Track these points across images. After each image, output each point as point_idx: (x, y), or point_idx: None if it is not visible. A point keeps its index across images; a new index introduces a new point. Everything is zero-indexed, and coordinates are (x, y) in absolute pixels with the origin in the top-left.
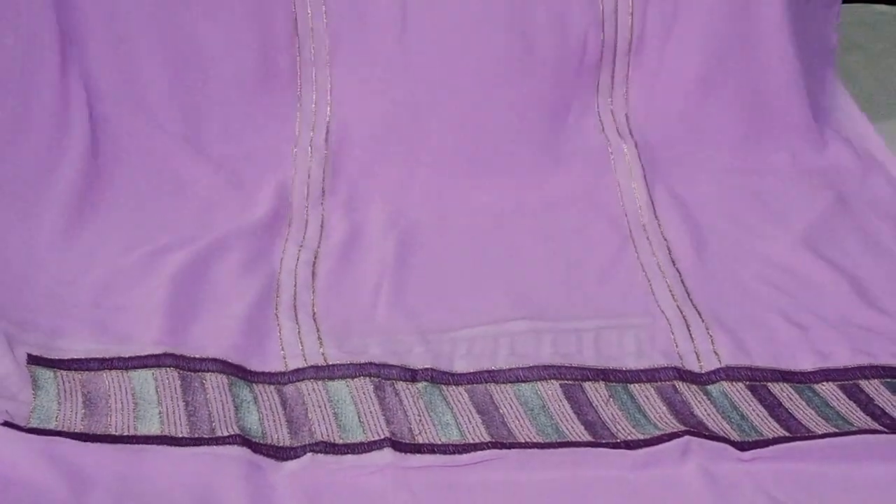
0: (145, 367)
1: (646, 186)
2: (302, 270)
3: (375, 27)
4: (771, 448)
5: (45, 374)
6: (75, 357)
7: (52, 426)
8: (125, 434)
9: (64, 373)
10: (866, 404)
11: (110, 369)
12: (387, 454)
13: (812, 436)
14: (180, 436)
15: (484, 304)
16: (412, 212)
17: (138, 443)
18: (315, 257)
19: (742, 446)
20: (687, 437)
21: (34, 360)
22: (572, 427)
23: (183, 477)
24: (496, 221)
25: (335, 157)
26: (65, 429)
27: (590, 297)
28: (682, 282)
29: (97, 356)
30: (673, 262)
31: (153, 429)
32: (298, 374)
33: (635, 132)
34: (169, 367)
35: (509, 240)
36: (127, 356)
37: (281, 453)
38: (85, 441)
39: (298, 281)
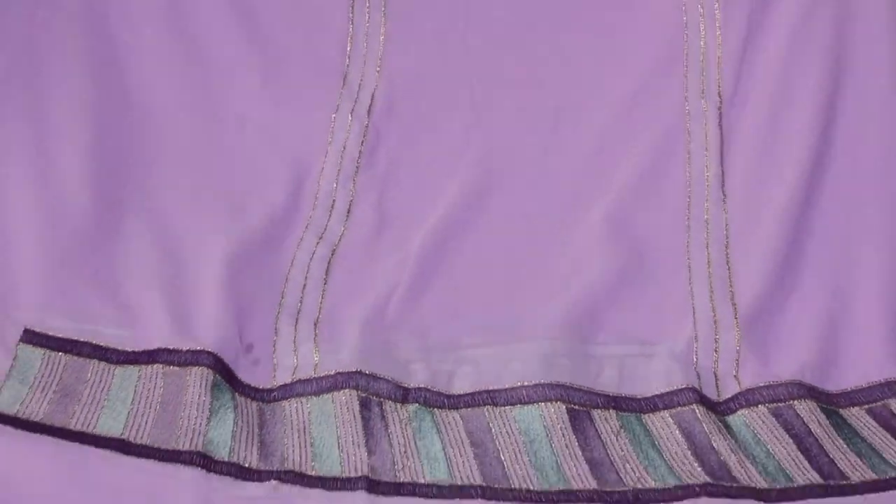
0: (135, 363)
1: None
2: (315, 267)
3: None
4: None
5: (34, 354)
6: (71, 338)
7: (13, 411)
8: (82, 431)
9: (52, 354)
10: None
11: (98, 359)
12: (359, 498)
13: (847, 487)
14: (138, 442)
15: (502, 321)
16: (447, 208)
17: (92, 443)
18: (333, 253)
19: (768, 496)
20: (704, 500)
21: (28, 338)
22: (575, 467)
23: (126, 486)
24: (533, 225)
25: (376, 129)
26: (25, 415)
27: (620, 319)
28: (730, 278)
29: (93, 341)
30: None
31: (114, 429)
32: (284, 392)
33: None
34: (158, 363)
35: (543, 240)
36: (120, 349)
37: (244, 474)
38: (38, 432)
39: (308, 281)
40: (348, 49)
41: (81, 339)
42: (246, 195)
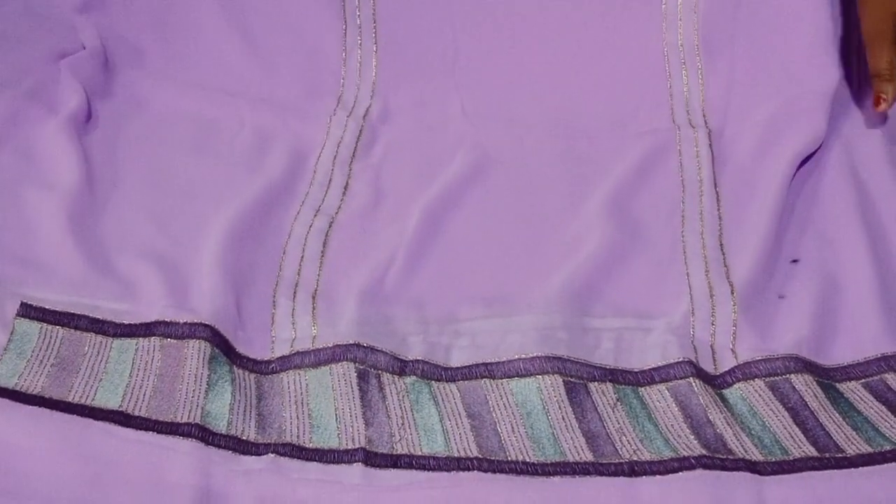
0: (133, 336)
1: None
2: (312, 240)
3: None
4: (797, 476)
5: (31, 328)
6: (69, 311)
7: (11, 384)
8: (80, 403)
9: (49, 327)
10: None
11: (96, 333)
12: (356, 471)
13: (842, 460)
14: (136, 414)
15: (499, 295)
16: (444, 185)
17: (89, 416)
18: (330, 225)
19: (763, 468)
20: (699, 471)
21: (25, 311)
22: (572, 439)
23: (125, 459)
24: (531, 203)
25: (371, 129)
26: (23, 389)
27: (619, 291)
28: (725, 262)
29: (92, 315)
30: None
31: (112, 401)
32: (282, 363)
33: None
34: (156, 336)
35: (541, 218)
36: (118, 322)
37: (242, 447)
38: (36, 405)
39: (306, 253)
40: (342, 73)
41: (79, 313)
42: (243, 173)
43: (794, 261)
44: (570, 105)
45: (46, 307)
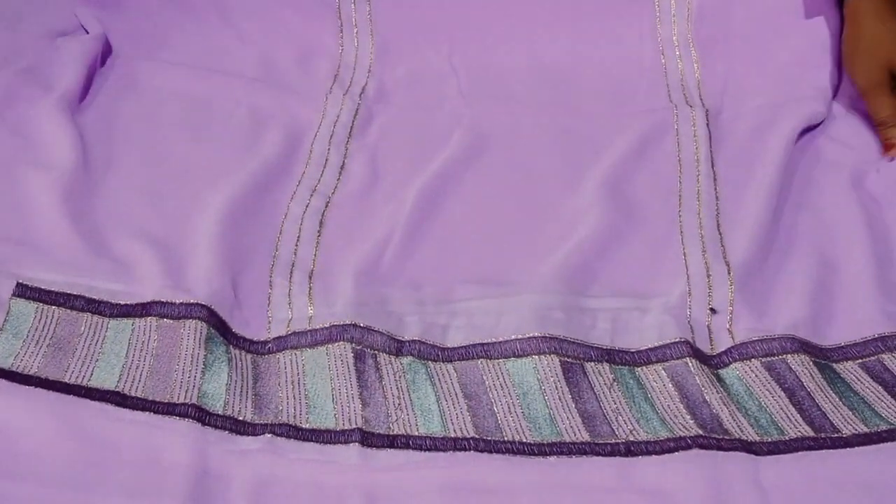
0: (129, 316)
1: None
2: (309, 220)
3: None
4: (793, 456)
5: (26, 309)
6: (65, 292)
7: (7, 364)
8: (77, 384)
9: (46, 307)
10: (892, 385)
11: (92, 313)
12: (353, 451)
13: (838, 440)
14: (133, 395)
15: (495, 275)
16: (440, 165)
17: (86, 396)
18: (326, 205)
19: (759, 448)
20: (696, 451)
21: (21, 291)
22: (569, 419)
23: (122, 439)
24: (528, 184)
25: (368, 108)
26: (19, 369)
27: (615, 273)
28: (721, 242)
29: (88, 295)
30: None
31: (109, 382)
32: (279, 344)
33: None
34: (152, 316)
35: (537, 198)
36: (114, 303)
37: (238, 427)
38: (33, 385)
39: (302, 233)
40: (339, 52)
41: (75, 293)
42: (239, 153)
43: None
44: (567, 85)
45: (42, 287)
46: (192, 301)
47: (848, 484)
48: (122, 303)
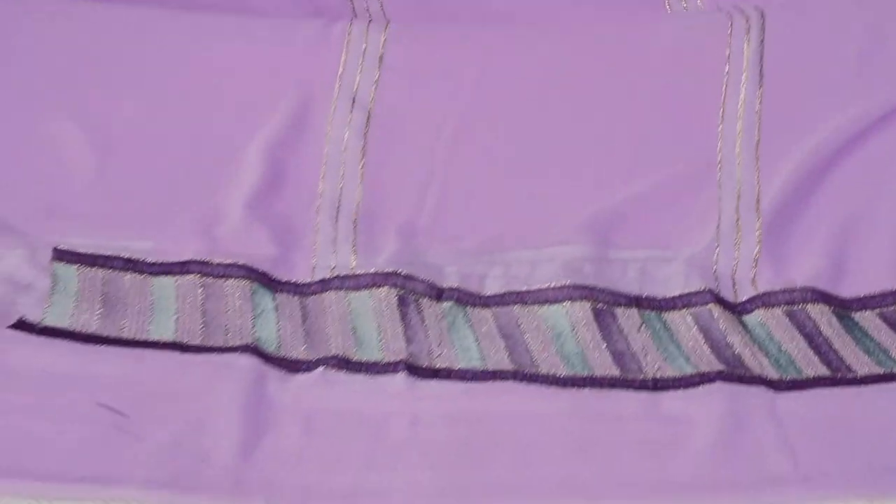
0: (170, 273)
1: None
2: (352, 142)
3: None
4: (809, 392)
5: (68, 271)
6: (102, 254)
7: (65, 325)
8: (136, 339)
9: (87, 269)
10: None
11: (133, 272)
12: (400, 380)
13: (853, 379)
14: (192, 343)
15: (530, 225)
16: (469, 116)
17: (148, 348)
18: (367, 120)
19: (778, 385)
20: (718, 384)
21: (59, 256)
22: (600, 357)
23: (184, 384)
24: (560, 116)
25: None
26: (78, 328)
27: (643, 225)
28: (758, 193)
29: (125, 255)
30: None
31: (167, 334)
32: (323, 286)
33: None
34: (193, 274)
35: (573, 158)
36: (151, 261)
37: (293, 366)
38: (95, 343)
39: (346, 168)
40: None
41: (111, 254)
42: (263, 98)
43: None
44: None
45: (79, 251)
46: (230, 261)
47: (859, 418)
48: (161, 261)
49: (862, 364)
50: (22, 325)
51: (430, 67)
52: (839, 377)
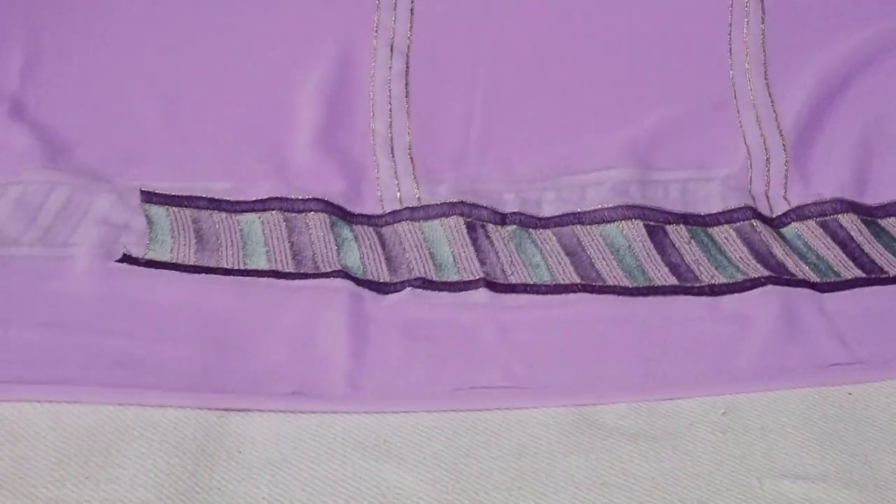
0: (252, 210)
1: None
2: (395, 86)
3: None
4: (850, 291)
5: (158, 211)
6: (186, 194)
7: (167, 258)
8: (236, 268)
9: (175, 209)
10: None
11: (219, 210)
12: (482, 294)
13: (888, 279)
14: (287, 271)
15: (572, 151)
16: (501, 34)
17: (249, 276)
18: (407, 67)
19: (821, 287)
20: (770, 286)
21: (147, 198)
22: (657, 269)
23: (289, 307)
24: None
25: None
26: (179, 261)
27: (678, 141)
28: (773, 107)
29: (206, 195)
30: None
31: (261, 265)
32: (395, 217)
33: None
34: (274, 210)
35: (608, 91)
36: (233, 200)
37: (381, 288)
38: (199, 273)
39: (393, 103)
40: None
41: (195, 195)
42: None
43: None
44: None
45: (164, 192)
46: (307, 196)
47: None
48: (242, 199)
49: (892, 265)
50: (128, 260)
51: (459, 11)
52: (874, 278)
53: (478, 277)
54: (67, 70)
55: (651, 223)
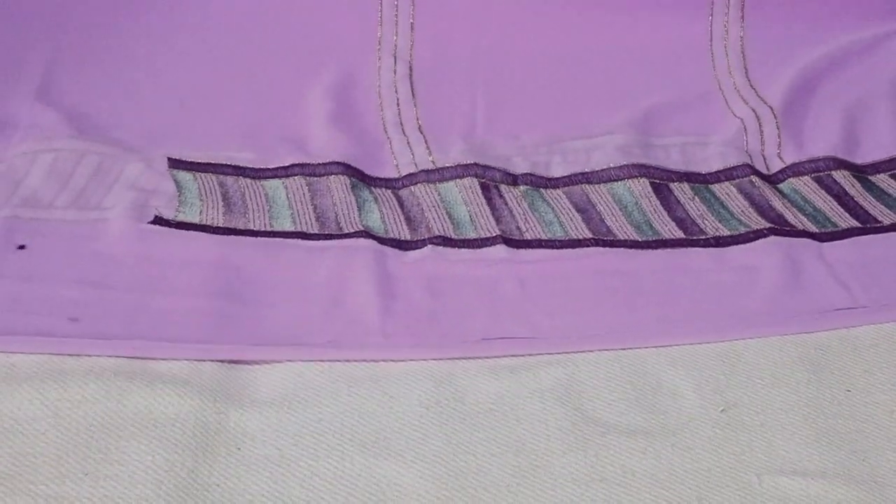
0: (276, 177)
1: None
2: (401, 86)
3: None
4: (848, 240)
5: (186, 176)
6: (212, 162)
7: (196, 220)
8: (264, 230)
9: (202, 175)
10: None
11: (244, 177)
12: (500, 250)
13: (882, 227)
14: (313, 232)
15: (577, 124)
16: (509, 34)
17: (276, 237)
18: (410, 70)
19: (821, 237)
20: (772, 238)
21: (175, 164)
22: (665, 224)
23: (316, 266)
24: (583, 33)
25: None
26: (208, 223)
27: (672, 119)
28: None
29: (231, 163)
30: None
31: (287, 227)
32: (411, 179)
33: None
34: (297, 175)
35: (604, 65)
36: (257, 167)
37: (403, 245)
38: (228, 234)
39: (400, 97)
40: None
41: (220, 163)
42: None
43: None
44: None
45: (190, 160)
46: (328, 161)
47: (891, 258)
48: (265, 166)
49: (885, 215)
50: (160, 222)
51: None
52: (869, 227)
53: (495, 234)
54: (92, 64)
55: (656, 181)
